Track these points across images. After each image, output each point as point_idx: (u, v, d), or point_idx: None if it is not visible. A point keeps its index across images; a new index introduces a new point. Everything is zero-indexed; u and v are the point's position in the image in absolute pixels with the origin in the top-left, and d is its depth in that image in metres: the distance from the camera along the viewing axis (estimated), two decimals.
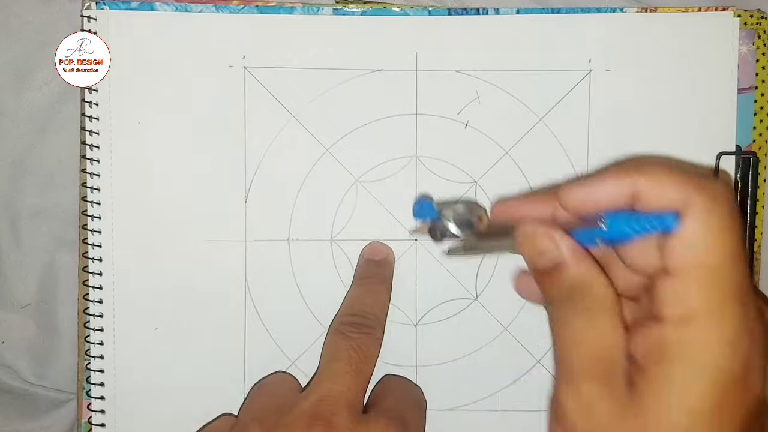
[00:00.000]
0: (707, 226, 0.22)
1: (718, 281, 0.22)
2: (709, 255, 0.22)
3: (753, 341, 0.22)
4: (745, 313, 0.22)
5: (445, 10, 0.34)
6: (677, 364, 0.22)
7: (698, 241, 0.22)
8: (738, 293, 0.22)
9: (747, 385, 0.22)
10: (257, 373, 0.34)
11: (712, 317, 0.22)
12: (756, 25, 0.34)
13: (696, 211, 0.22)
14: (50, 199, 0.35)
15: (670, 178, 0.23)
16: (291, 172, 0.34)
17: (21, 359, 0.36)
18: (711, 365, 0.21)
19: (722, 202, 0.22)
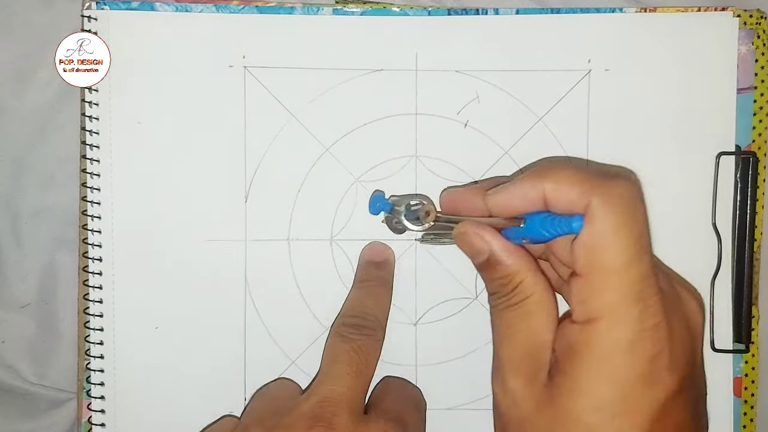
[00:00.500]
0: (603, 228, 0.22)
1: (616, 283, 0.22)
2: (605, 257, 0.22)
3: (659, 337, 0.22)
4: (646, 311, 0.22)
5: (445, 10, 0.34)
6: (583, 364, 0.23)
7: (595, 243, 0.23)
8: (637, 293, 0.22)
9: (653, 381, 0.23)
10: (257, 373, 0.34)
11: (611, 319, 0.22)
12: (755, 24, 0.34)
13: (592, 213, 0.23)
14: (50, 199, 0.35)
15: (572, 182, 0.24)
16: (291, 172, 0.34)
17: (21, 359, 0.36)
18: (612, 365, 0.22)
19: (619, 202, 0.23)
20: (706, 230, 0.34)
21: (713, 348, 0.34)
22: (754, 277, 0.35)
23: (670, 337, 0.23)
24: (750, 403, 0.35)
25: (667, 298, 0.24)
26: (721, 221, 0.34)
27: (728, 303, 0.35)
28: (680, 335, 0.24)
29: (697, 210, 0.35)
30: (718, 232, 0.34)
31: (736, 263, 0.35)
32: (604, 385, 0.22)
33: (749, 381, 0.35)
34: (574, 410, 0.22)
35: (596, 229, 0.22)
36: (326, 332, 0.34)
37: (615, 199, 0.23)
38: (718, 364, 0.34)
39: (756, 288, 0.35)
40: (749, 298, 0.35)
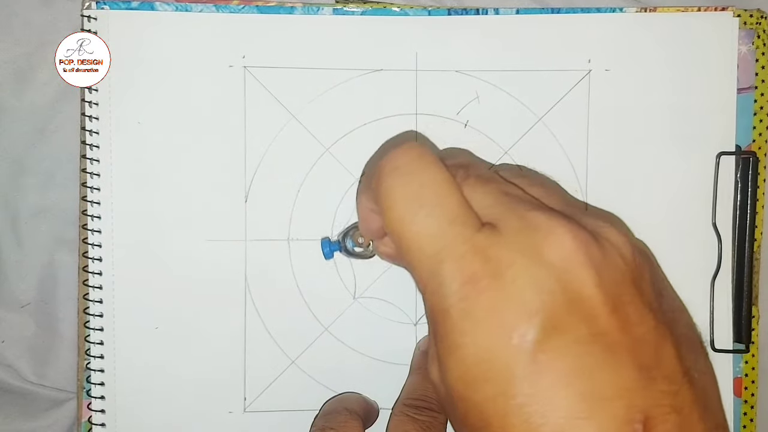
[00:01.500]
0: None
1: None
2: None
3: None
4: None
5: (445, 10, 0.34)
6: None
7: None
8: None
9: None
10: (257, 373, 0.34)
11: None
12: (756, 24, 0.34)
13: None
14: (50, 199, 0.35)
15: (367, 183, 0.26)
16: (291, 171, 0.34)
17: (21, 358, 0.36)
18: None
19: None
20: (706, 230, 0.34)
21: (713, 348, 0.34)
22: (754, 277, 0.35)
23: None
24: (750, 403, 0.35)
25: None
26: (721, 221, 0.34)
27: (728, 303, 0.35)
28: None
29: (697, 210, 0.35)
30: (718, 232, 0.34)
31: (736, 263, 0.35)
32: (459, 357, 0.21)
33: (749, 381, 0.35)
34: (452, 387, 0.21)
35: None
36: (326, 332, 0.34)
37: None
38: (717, 364, 0.34)
39: (756, 288, 0.35)
40: (749, 298, 0.35)
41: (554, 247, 0.20)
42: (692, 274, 0.34)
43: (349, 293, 0.34)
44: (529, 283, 0.19)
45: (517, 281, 0.20)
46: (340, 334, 0.34)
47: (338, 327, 0.34)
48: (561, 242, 0.20)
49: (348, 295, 0.34)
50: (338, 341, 0.34)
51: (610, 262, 0.20)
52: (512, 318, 0.19)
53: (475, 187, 0.23)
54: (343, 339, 0.34)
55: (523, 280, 0.20)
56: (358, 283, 0.34)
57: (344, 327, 0.34)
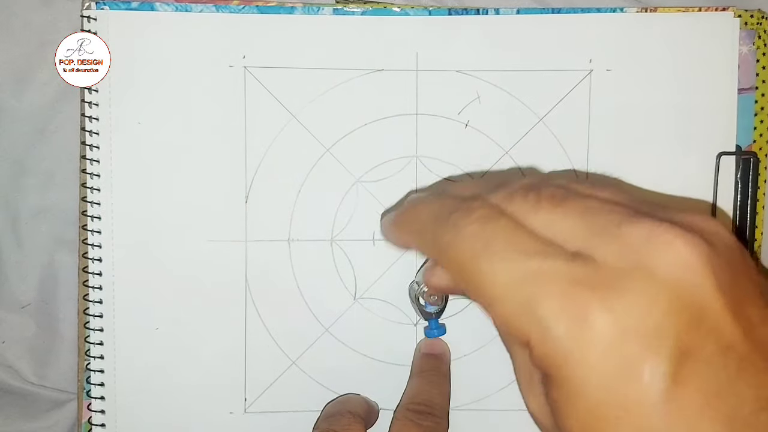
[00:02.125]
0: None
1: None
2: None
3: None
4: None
5: (445, 10, 0.34)
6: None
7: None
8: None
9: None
10: (257, 373, 0.34)
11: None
12: (756, 25, 0.34)
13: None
14: (50, 199, 0.35)
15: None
16: (291, 172, 0.34)
17: (21, 359, 0.36)
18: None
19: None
20: None
21: None
22: None
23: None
24: None
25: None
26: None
27: None
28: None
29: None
30: None
31: None
32: (581, 403, 0.19)
33: None
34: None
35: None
36: (326, 333, 0.34)
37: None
38: None
39: None
40: None
41: (666, 258, 0.18)
42: None
43: (350, 294, 0.34)
44: (648, 308, 0.17)
45: (633, 309, 0.17)
46: (340, 335, 0.34)
47: (339, 328, 0.34)
48: (673, 252, 0.18)
49: (348, 296, 0.34)
50: (339, 342, 0.34)
51: (722, 258, 0.18)
52: (637, 352, 0.17)
53: (551, 210, 0.20)
54: (344, 340, 0.34)
55: (639, 306, 0.17)
56: (358, 284, 0.34)
57: (345, 328, 0.34)
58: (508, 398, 0.34)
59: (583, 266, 0.18)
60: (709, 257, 0.18)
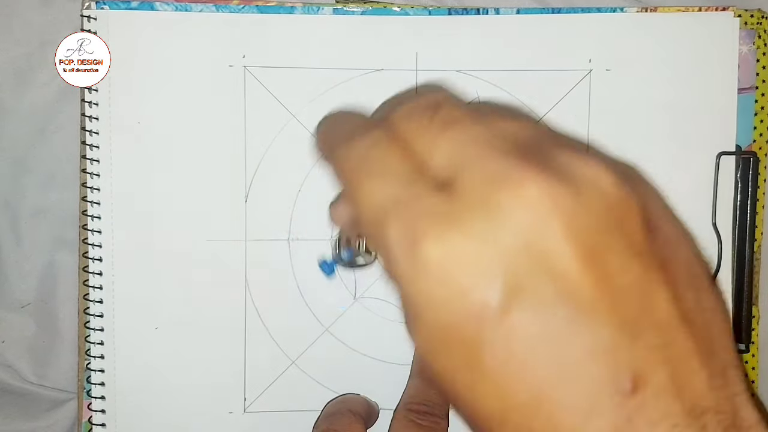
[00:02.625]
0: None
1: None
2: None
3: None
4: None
5: (445, 9, 0.34)
6: None
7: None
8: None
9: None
10: (257, 373, 0.34)
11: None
12: (756, 24, 0.34)
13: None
14: (50, 199, 0.35)
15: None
16: (291, 171, 0.34)
17: (21, 359, 0.36)
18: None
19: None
20: (706, 230, 0.34)
21: None
22: (754, 277, 0.35)
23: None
24: None
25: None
26: (721, 221, 0.34)
27: (728, 303, 0.35)
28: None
29: (697, 210, 0.34)
30: (718, 232, 0.34)
31: (736, 263, 0.35)
32: (421, 326, 0.19)
33: (749, 381, 0.35)
34: (420, 354, 0.20)
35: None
36: (326, 333, 0.34)
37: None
38: None
39: (756, 288, 0.35)
40: (749, 298, 0.35)
41: (516, 200, 0.17)
42: None
43: (350, 293, 0.34)
44: (487, 243, 0.17)
45: (473, 243, 0.17)
46: (340, 335, 0.34)
47: (338, 327, 0.34)
48: (523, 193, 0.17)
49: (348, 295, 0.34)
50: (338, 341, 0.34)
51: (584, 206, 0.18)
52: (472, 280, 0.17)
53: (438, 134, 0.20)
54: (344, 339, 0.34)
55: (479, 240, 0.17)
56: (358, 284, 0.34)
57: (344, 327, 0.34)
58: None
59: (438, 196, 0.18)
60: (562, 204, 0.17)
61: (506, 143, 0.19)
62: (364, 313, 0.34)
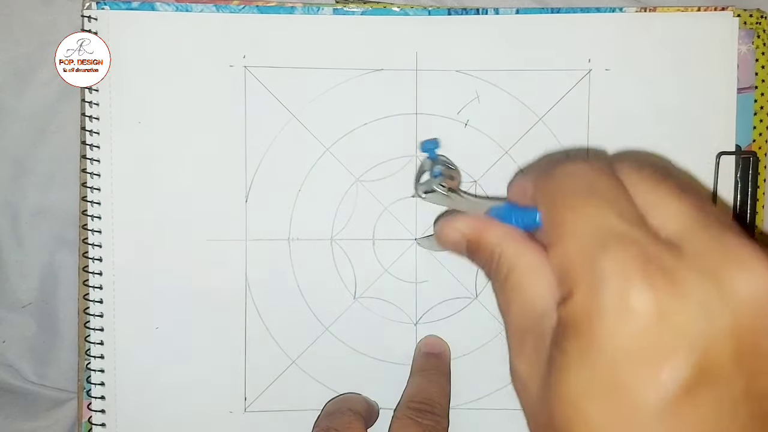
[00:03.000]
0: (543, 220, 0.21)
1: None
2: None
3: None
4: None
5: (445, 10, 0.34)
6: (570, 338, 0.19)
7: (544, 233, 0.21)
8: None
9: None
10: (257, 373, 0.34)
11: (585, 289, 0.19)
12: (755, 24, 0.34)
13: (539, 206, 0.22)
14: (51, 199, 0.35)
15: (529, 179, 0.23)
16: (291, 171, 0.34)
17: (22, 358, 0.36)
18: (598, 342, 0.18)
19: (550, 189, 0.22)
20: None
21: None
22: None
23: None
24: None
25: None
26: None
27: None
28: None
29: None
30: None
31: None
32: (594, 363, 0.18)
33: None
34: (561, 387, 0.18)
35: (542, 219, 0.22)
36: (326, 332, 0.34)
37: (548, 188, 0.22)
38: None
39: None
40: None
41: (745, 278, 0.17)
42: None
43: (350, 293, 0.34)
44: (700, 312, 0.16)
45: (690, 308, 0.16)
46: (340, 334, 0.34)
47: (338, 327, 0.34)
48: (755, 274, 0.16)
49: (348, 295, 0.34)
50: (338, 341, 0.34)
51: None
52: (669, 347, 0.16)
53: (669, 194, 0.20)
54: (344, 339, 0.34)
55: (696, 307, 0.16)
56: (358, 283, 0.34)
57: (344, 327, 0.34)
58: (507, 398, 0.34)
59: (666, 250, 0.18)
60: None
61: (735, 225, 0.19)
62: (364, 313, 0.34)
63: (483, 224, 0.24)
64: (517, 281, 0.22)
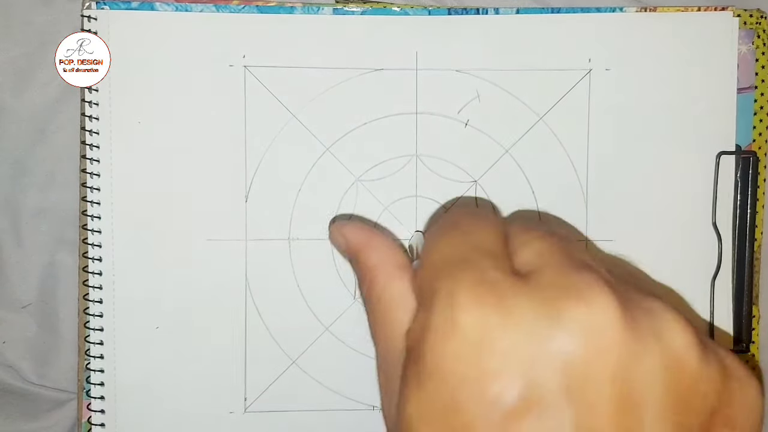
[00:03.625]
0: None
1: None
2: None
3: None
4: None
5: (445, 9, 0.34)
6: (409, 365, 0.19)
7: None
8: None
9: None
10: (257, 373, 0.34)
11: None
12: (755, 24, 0.34)
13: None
14: (51, 199, 0.35)
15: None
16: (291, 171, 0.34)
17: (22, 359, 0.36)
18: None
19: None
20: (706, 230, 0.34)
21: None
22: (754, 277, 0.35)
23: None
24: None
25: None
26: (721, 221, 0.34)
27: (728, 303, 0.35)
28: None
29: (697, 210, 0.35)
30: (719, 232, 0.34)
31: (736, 263, 0.35)
32: (426, 385, 0.17)
33: None
34: (403, 417, 0.18)
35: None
36: (326, 332, 0.34)
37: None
38: None
39: (756, 288, 0.35)
40: (749, 298, 0.35)
41: (581, 310, 0.16)
42: (692, 273, 0.34)
43: (350, 293, 0.34)
44: (532, 341, 0.16)
45: (520, 332, 0.16)
46: (340, 334, 0.34)
47: (339, 327, 0.34)
48: (597, 306, 0.16)
49: (348, 295, 0.34)
50: (339, 341, 0.34)
51: (649, 363, 0.16)
52: (498, 369, 0.16)
53: (537, 237, 0.20)
54: (344, 339, 0.34)
55: (526, 333, 0.16)
56: None
57: (345, 327, 0.34)
58: None
59: (509, 278, 0.18)
60: (630, 343, 0.16)
61: (600, 268, 0.18)
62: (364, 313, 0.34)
63: (365, 241, 0.23)
64: (381, 312, 0.22)
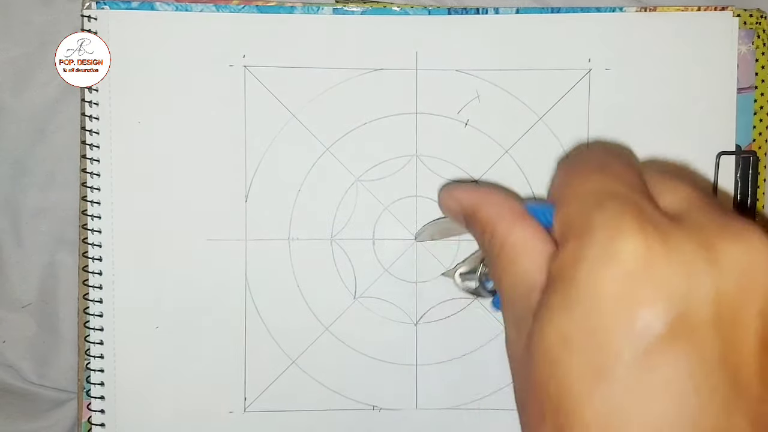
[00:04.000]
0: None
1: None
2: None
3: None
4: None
5: (445, 9, 0.34)
6: (552, 293, 0.19)
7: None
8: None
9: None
10: (257, 373, 0.34)
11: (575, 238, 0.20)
12: (755, 24, 0.34)
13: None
14: (51, 199, 0.35)
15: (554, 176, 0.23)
16: (291, 171, 0.34)
17: (22, 359, 0.36)
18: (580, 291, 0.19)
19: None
20: None
21: None
22: None
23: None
24: None
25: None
26: None
27: None
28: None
29: None
30: None
31: None
32: (573, 309, 0.18)
33: None
34: (541, 343, 0.18)
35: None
36: (326, 332, 0.34)
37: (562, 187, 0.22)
38: None
39: None
40: None
41: (738, 249, 0.17)
42: None
43: (350, 293, 0.34)
44: (686, 271, 0.16)
45: (676, 264, 0.16)
46: (340, 334, 0.34)
47: (338, 327, 0.34)
48: (753, 247, 0.17)
49: (348, 295, 0.34)
50: (338, 341, 0.34)
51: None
52: (649, 297, 0.16)
53: (672, 180, 0.20)
54: (344, 339, 0.34)
55: (682, 265, 0.16)
56: (358, 283, 0.34)
57: (344, 327, 0.34)
58: (508, 398, 0.34)
59: (663, 216, 0.18)
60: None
61: (732, 210, 0.20)
62: (364, 313, 0.34)
63: (480, 197, 0.24)
64: (507, 257, 0.22)
